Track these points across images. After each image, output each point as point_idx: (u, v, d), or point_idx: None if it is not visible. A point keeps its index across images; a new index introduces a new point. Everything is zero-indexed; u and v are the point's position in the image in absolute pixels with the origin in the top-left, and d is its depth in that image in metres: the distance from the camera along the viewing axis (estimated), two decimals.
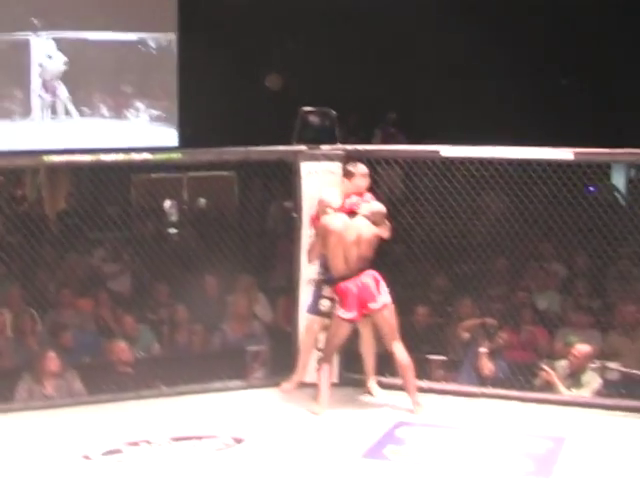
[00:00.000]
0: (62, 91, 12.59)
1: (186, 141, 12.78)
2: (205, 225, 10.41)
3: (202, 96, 12.82)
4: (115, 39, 13.01)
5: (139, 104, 12.96)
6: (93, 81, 12.89)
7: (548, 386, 7.74)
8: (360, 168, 7.43)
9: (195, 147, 8.95)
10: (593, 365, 7.88)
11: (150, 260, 9.49)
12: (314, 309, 7.62)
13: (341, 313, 7.18)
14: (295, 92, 12.79)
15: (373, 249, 7.24)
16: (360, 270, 7.18)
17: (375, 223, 7.26)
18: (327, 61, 13.42)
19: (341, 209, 7.33)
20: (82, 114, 12.78)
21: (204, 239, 10.24)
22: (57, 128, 12.85)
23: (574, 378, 7.76)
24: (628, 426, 6.98)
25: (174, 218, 12.22)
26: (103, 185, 8.98)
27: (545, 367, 7.82)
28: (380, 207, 7.32)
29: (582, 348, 7.80)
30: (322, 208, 7.39)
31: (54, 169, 12.25)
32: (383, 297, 7.17)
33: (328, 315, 7.53)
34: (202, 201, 12.82)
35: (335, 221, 7.23)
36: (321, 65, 13.37)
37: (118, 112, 12.94)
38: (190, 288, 9.24)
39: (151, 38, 13.11)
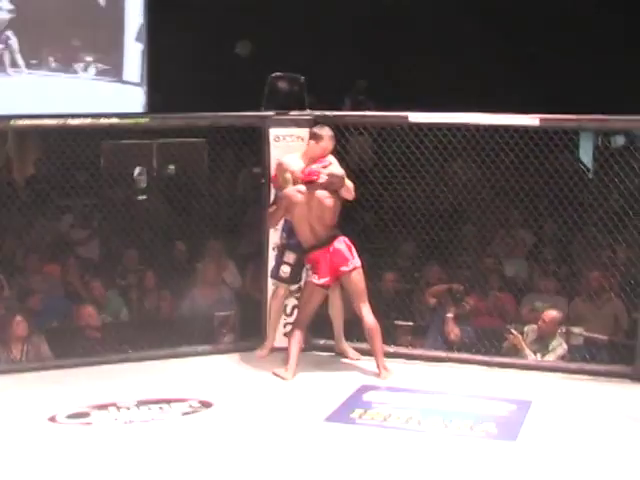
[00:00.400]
0: (14, 42, 12.24)
1: (156, 107, 12.70)
2: (174, 192, 10.39)
3: (172, 62, 12.74)
4: None
5: (88, 58, 12.65)
6: (42, 33, 12.50)
7: (515, 349, 7.82)
8: (327, 130, 7.44)
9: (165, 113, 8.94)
10: (559, 331, 7.97)
11: (119, 226, 9.49)
12: (275, 274, 7.66)
13: (314, 279, 7.25)
14: (266, 59, 12.73)
15: (337, 215, 7.29)
16: (331, 238, 7.24)
17: (336, 188, 7.27)
18: (299, 29, 13.37)
19: (301, 177, 7.33)
20: (29, 66, 12.44)
21: (173, 206, 10.24)
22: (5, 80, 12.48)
23: (541, 343, 7.85)
24: (591, 390, 7.07)
25: (143, 185, 12.18)
26: (72, 151, 8.91)
27: (513, 330, 7.89)
28: (337, 170, 7.30)
29: (551, 313, 7.89)
30: (281, 171, 7.42)
31: (23, 135, 12.19)
32: (354, 260, 7.25)
33: (287, 281, 7.59)
34: (171, 168, 12.78)
35: (296, 194, 7.25)
36: (293, 32, 13.32)
37: (66, 65, 12.63)
38: (159, 254, 9.25)
39: None
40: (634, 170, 7.52)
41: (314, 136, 7.43)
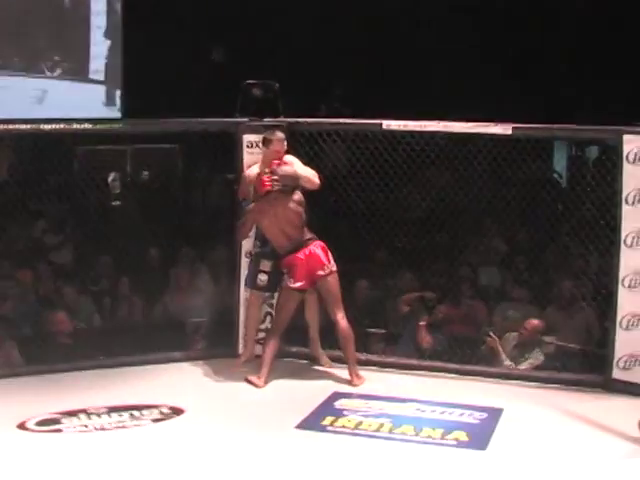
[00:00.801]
0: None
1: (130, 113, 12.67)
2: (148, 198, 10.37)
3: (147, 67, 12.71)
4: None
5: (54, 58, 12.50)
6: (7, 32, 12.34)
7: (491, 353, 7.84)
8: (277, 134, 7.46)
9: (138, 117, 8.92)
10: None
11: (92, 232, 9.46)
12: (252, 283, 7.64)
13: (290, 283, 7.26)
14: (241, 65, 12.73)
15: (303, 214, 7.31)
16: (307, 241, 7.28)
17: (294, 185, 7.28)
18: (276, 35, 13.37)
19: (258, 191, 7.33)
20: None
21: (147, 211, 10.21)
22: None
23: (520, 351, 7.85)
24: (562, 399, 7.08)
25: (117, 190, 12.14)
26: (45, 156, 8.89)
27: (491, 333, 7.91)
28: (284, 170, 7.26)
29: (533, 322, 7.90)
30: (245, 184, 7.49)
31: None
32: (330, 265, 7.30)
33: (266, 289, 7.59)
34: (145, 174, 12.76)
35: (260, 207, 7.28)
36: (269, 39, 13.33)
37: (31, 66, 12.46)
38: (132, 260, 9.22)
39: None
40: (606, 180, 7.55)
41: (264, 141, 7.48)
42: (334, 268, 7.31)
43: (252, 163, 7.62)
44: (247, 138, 7.77)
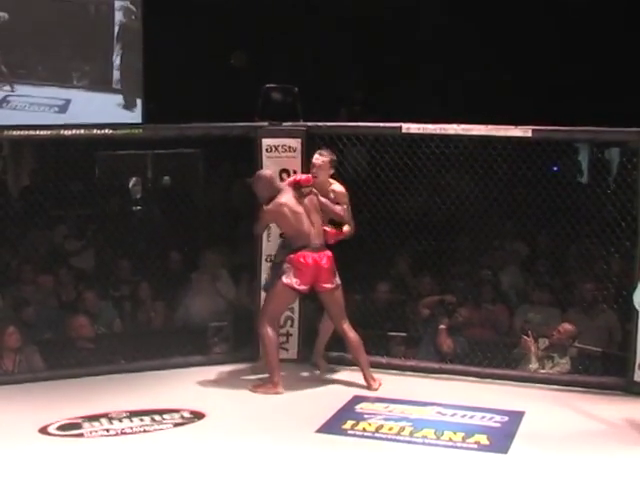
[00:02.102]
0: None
1: (151, 118, 12.72)
2: (169, 203, 10.38)
3: (168, 73, 12.75)
4: None
5: (78, 68, 12.54)
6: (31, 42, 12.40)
7: (523, 355, 7.81)
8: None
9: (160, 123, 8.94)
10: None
11: (113, 237, 9.48)
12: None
13: (294, 282, 7.18)
14: (261, 69, 12.76)
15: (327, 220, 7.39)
16: (323, 247, 7.27)
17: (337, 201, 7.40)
18: (295, 39, 13.39)
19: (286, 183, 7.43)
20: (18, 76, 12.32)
21: (168, 216, 10.23)
22: None
23: (550, 354, 7.82)
24: (584, 402, 7.05)
25: (138, 195, 12.19)
26: (66, 162, 8.93)
27: (530, 332, 7.89)
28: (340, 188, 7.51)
29: (567, 326, 7.86)
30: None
31: (18, 145, 12.18)
32: (337, 279, 7.28)
33: None
34: (166, 179, 12.80)
35: (284, 197, 7.28)
36: (289, 43, 13.35)
37: (56, 76, 12.51)
38: (153, 265, 9.23)
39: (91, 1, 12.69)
40: (627, 182, 7.51)
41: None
42: (339, 282, 7.29)
43: (271, 167, 7.64)
44: (266, 142, 7.79)
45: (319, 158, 7.45)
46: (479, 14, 13.08)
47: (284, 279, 7.20)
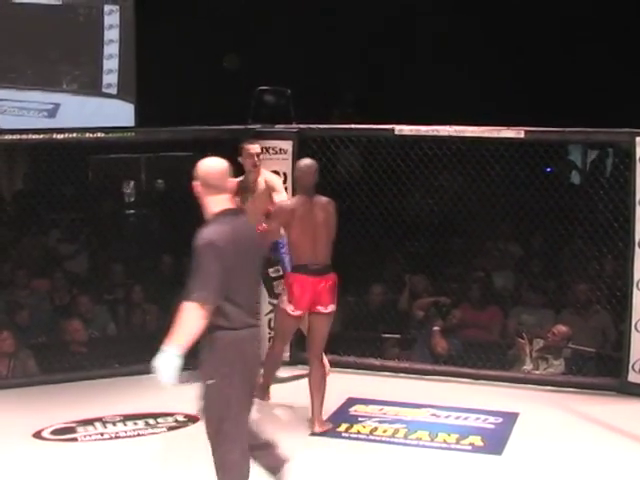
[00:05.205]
0: None
1: (143, 121, 12.71)
2: (162, 206, 10.38)
3: (159, 75, 12.74)
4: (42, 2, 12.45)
5: (67, 71, 12.52)
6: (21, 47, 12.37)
7: (518, 357, 7.82)
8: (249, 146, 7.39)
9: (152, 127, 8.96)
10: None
11: (106, 241, 9.48)
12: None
13: (289, 309, 6.50)
14: (254, 72, 12.76)
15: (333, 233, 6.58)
16: (327, 268, 6.47)
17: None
18: (286, 42, 13.39)
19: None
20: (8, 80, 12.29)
21: (161, 220, 10.23)
22: None
23: (544, 356, 7.82)
24: (578, 403, 7.06)
25: (132, 199, 12.17)
26: (59, 166, 8.92)
27: (524, 334, 7.89)
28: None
29: (562, 328, 7.86)
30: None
31: (10, 150, 12.15)
32: (333, 305, 6.49)
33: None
34: (160, 182, 12.78)
35: (292, 202, 6.63)
36: (280, 45, 13.34)
37: (46, 80, 12.48)
38: (146, 268, 9.23)
39: (80, 5, 12.67)
40: (620, 182, 7.53)
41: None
42: (334, 309, 6.51)
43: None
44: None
45: (256, 147, 7.32)
46: (475, 15, 13.08)
47: (280, 303, 6.64)
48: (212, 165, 4.83)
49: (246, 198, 7.31)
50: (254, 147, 7.37)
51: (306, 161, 6.62)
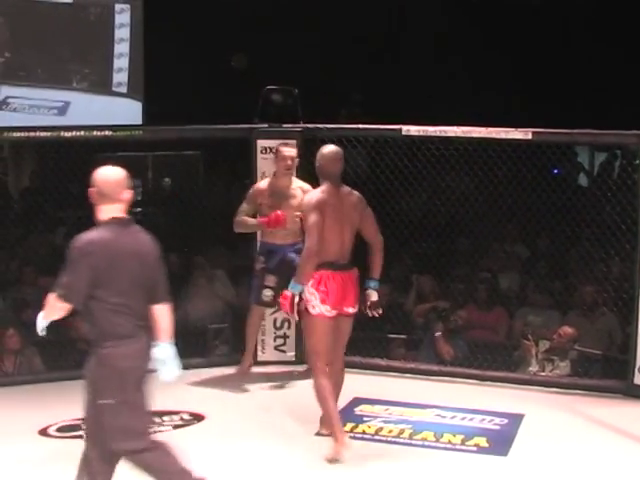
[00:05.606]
0: None
1: (151, 119, 12.73)
2: (169, 205, 10.37)
3: (168, 74, 12.76)
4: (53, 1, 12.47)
5: (77, 70, 12.55)
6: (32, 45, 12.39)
7: (523, 358, 7.80)
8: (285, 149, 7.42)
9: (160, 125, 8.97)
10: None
11: None
12: (257, 299, 7.53)
13: (324, 310, 5.95)
14: (261, 71, 12.77)
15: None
16: (351, 264, 6.10)
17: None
18: (294, 41, 13.40)
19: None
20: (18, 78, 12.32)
21: (168, 218, 10.23)
22: None
23: (549, 357, 7.81)
24: (584, 405, 7.05)
25: (138, 197, 12.18)
26: (67, 164, 8.93)
27: (529, 336, 7.88)
28: None
29: (568, 329, 7.85)
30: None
31: (18, 147, 12.20)
32: (357, 304, 6.15)
33: (271, 304, 7.47)
34: (167, 180, 12.80)
35: (321, 194, 6.05)
36: (288, 45, 13.35)
37: (56, 78, 12.50)
38: None
39: (92, 4, 12.70)
40: (627, 184, 7.51)
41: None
42: (357, 309, 6.17)
43: (266, 168, 7.64)
44: (261, 144, 7.80)
45: (291, 150, 7.34)
46: (480, 17, 13.10)
47: (311, 311, 5.98)
48: (109, 175, 4.81)
49: (279, 203, 7.29)
50: (289, 150, 7.36)
51: (330, 147, 6.17)
